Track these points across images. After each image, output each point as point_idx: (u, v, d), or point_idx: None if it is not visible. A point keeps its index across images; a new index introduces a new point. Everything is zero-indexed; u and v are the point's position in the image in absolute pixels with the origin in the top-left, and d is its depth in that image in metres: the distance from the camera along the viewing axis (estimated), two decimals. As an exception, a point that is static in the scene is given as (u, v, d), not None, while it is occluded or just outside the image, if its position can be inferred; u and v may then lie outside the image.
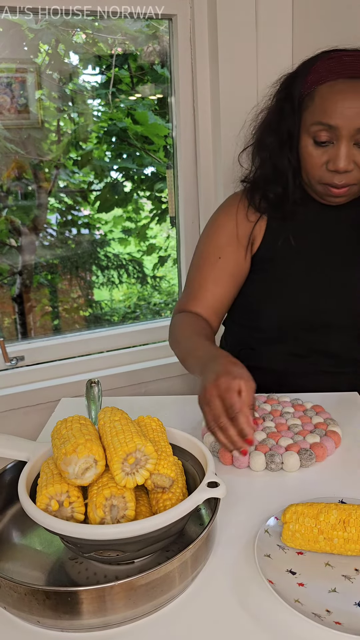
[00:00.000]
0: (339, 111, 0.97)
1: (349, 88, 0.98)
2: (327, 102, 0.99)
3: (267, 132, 1.11)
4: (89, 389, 0.93)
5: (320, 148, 1.02)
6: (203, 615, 0.61)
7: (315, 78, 1.02)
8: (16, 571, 0.67)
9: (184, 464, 0.75)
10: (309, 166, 1.05)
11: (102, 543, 0.60)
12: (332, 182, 1.03)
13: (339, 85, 0.98)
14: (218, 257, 1.15)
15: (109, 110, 2.05)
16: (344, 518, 0.66)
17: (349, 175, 1.02)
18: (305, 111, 1.03)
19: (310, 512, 0.67)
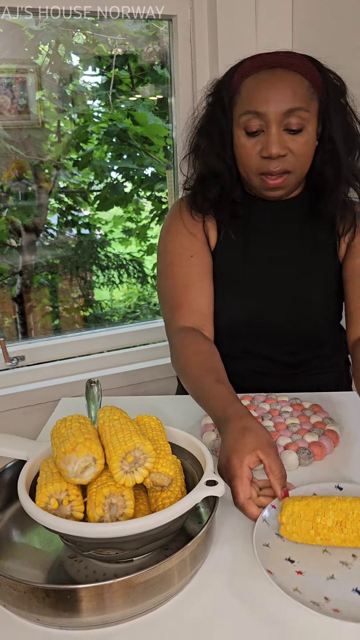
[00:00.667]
0: (263, 97, 1.00)
1: (271, 77, 1.01)
2: (251, 90, 1.02)
3: (201, 136, 1.13)
4: (89, 389, 0.93)
5: (253, 138, 1.03)
6: (202, 613, 0.61)
7: (240, 76, 1.05)
8: (16, 569, 0.67)
9: (183, 462, 0.75)
10: (244, 158, 1.06)
11: (101, 541, 0.60)
12: (268, 170, 1.03)
13: (262, 75, 1.02)
14: (190, 255, 1.12)
15: (109, 111, 2.05)
16: (341, 520, 0.66)
17: (284, 160, 1.03)
18: (234, 107, 1.05)
19: (307, 513, 0.67)
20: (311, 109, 1.02)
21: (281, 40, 1.66)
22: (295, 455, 0.86)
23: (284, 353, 1.15)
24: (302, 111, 1.00)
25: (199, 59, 1.65)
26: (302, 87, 1.01)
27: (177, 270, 1.12)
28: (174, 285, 1.12)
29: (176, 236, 1.15)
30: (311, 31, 1.62)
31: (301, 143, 1.02)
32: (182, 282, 1.11)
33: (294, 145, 1.02)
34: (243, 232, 1.14)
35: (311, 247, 1.14)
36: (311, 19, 1.61)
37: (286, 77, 1.01)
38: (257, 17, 1.62)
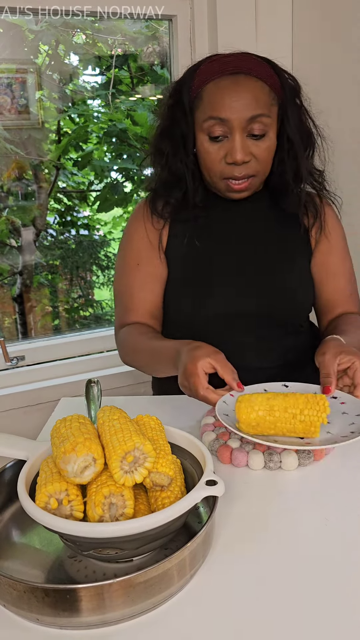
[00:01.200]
0: (227, 104, 1.02)
1: (233, 83, 1.03)
2: (214, 96, 1.04)
3: (162, 139, 1.14)
4: (89, 389, 0.93)
5: (216, 143, 1.05)
6: (201, 612, 0.61)
7: (201, 80, 1.06)
8: (15, 569, 0.67)
9: (183, 462, 0.75)
10: (208, 163, 1.08)
11: (100, 541, 0.60)
12: (233, 175, 1.06)
13: (223, 81, 1.04)
14: (136, 263, 1.19)
15: (108, 111, 2.05)
16: (286, 416, 0.82)
17: (248, 166, 1.06)
18: (197, 111, 1.07)
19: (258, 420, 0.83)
20: (272, 114, 1.06)
21: (281, 40, 1.66)
22: (295, 455, 0.86)
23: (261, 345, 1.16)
24: (264, 117, 1.04)
25: (198, 59, 1.65)
26: (263, 94, 1.04)
27: (125, 276, 1.20)
28: (120, 289, 1.21)
29: (130, 240, 1.21)
30: (311, 31, 1.62)
31: (263, 148, 1.06)
32: (129, 289, 1.19)
33: (257, 151, 1.06)
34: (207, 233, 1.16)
35: (277, 241, 1.18)
36: (311, 19, 1.61)
37: (248, 83, 1.03)
38: (257, 17, 1.62)
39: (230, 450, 0.88)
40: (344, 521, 0.75)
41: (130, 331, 1.16)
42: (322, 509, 0.77)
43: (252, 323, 1.15)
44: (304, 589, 0.64)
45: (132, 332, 1.15)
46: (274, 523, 0.75)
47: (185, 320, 1.16)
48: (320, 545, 0.71)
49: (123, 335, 1.17)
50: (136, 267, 1.19)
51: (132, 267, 1.19)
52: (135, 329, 1.15)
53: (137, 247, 1.19)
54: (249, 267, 1.15)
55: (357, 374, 0.91)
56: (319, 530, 0.73)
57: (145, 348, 1.10)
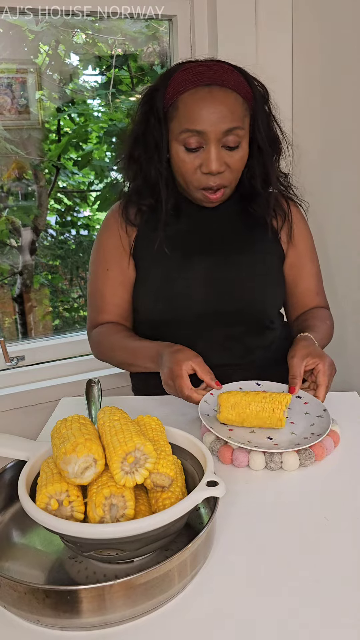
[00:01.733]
0: (204, 117, 1.04)
1: (208, 95, 1.05)
2: (190, 109, 1.05)
3: (135, 145, 1.16)
4: (89, 389, 0.93)
5: (192, 153, 1.08)
6: (202, 613, 0.61)
7: (175, 89, 1.07)
8: (16, 570, 0.67)
9: (184, 463, 0.75)
10: (183, 172, 1.10)
11: (101, 542, 0.60)
12: (207, 185, 1.09)
13: (199, 92, 1.05)
14: (106, 269, 1.23)
15: (109, 111, 2.05)
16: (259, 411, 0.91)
17: (222, 176, 1.09)
18: (172, 121, 1.09)
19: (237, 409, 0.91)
20: (245, 126, 1.09)
21: (281, 41, 1.66)
22: (296, 455, 0.86)
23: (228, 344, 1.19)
24: (239, 129, 1.06)
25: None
26: (237, 106, 1.06)
27: (96, 281, 1.24)
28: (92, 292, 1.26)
29: (100, 245, 1.25)
30: (311, 32, 1.61)
31: (237, 158, 1.09)
32: (100, 293, 1.23)
33: (230, 161, 1.08)
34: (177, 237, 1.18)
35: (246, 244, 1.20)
36: (311, 20, 1.61)
37: (222, 96, 1.05)
38: (257, 17, 1.62)
39: (231, 451, 0.88)
40: (345, 521, 0.75)
41: (104, 331, 1.22)
42: (323, 509, 0.77)
43: (220, 323, 1.17)
44: (304, 589, 0.64)
45: (107, 331, 1.22)
46: (275, 524, 0.75)
47: (155, 320, 1.19)
48: (320, 546, 0.71)
49: (97, 335, 1.24)
50: (106, 273, 1.23)
51: (102, 272, 1.23)
52: (110, 328, 1.22)
53: (107, 253, 1.23)
54: (217, 268, 1.18)
55: (319, 375, 0.99)
56: (320, 531, 0.73)
57: (123, 346, 1.17)
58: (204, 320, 1.17)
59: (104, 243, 1.24)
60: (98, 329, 1.24)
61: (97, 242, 1.26)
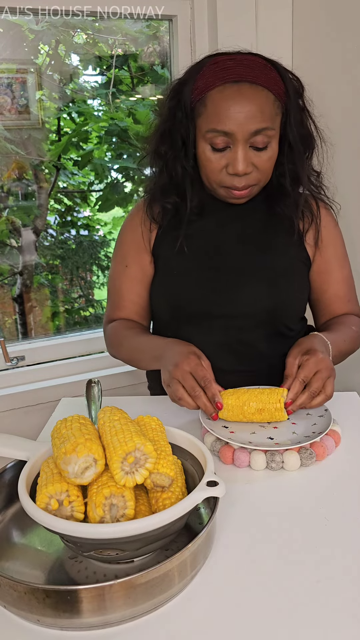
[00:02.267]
0: (231, 117, 1.00)
1: (237, 93, 1.00)
2: (217, 108, 1.01)
3: (161, 141, 1.12)
4: (89, 389, 0.93)
5: (218, 153, 1.04)
6: (202, 614, 0.61)
7: (203, 84, 1.03)
8: (16, 570, 0.67)
9: (184, 463, 0.75)
10: (208, 171, 1.07)
11: (101, 542, 0.60)
12: (233, 185, 1.06)
13: (227, 90, 1.01)
14: (125, 265, 1.21)
15: (109, 111, 2.05)
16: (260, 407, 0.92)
17: (249, 177, 1.05)
18: (199, 118, 1.05)
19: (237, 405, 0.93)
20: (276, 125, 1.05)
21: (281, 40, 1.66)
22: (297, 455, 0.86)
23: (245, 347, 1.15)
24: (268, 130, 1.02)
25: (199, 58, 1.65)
26: (268, 104, 1.02)
27: (116, 276, 1.24)
28: (111, 288, 1.25)
29: (122, 242, 1.24)
30: (311, 32, 1.61)
31: (265, 159, 1.05)
32: (118, 289, 1.23)
33: (258, 161, 1.05)
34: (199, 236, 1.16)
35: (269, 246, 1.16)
36: (311, 19, 1.61)
37: (253, 94, 1.01)
38: (257, 17, 1.62)
39: (232, 451, 0.88)
40: (345, 521, 0.75)
41: (117, 326, 1.21)
42: (324, 509, 0.77)
43: (234, 326, 1.14)
44: (304, 589, 0.64)
45: (119, 326, 1.21)
46: (275, 524, 0.75)
47: (170, 320, 1.18)
48: (321, 546, 0.70)
49: (110, 330, 1.23)
50: (124, 269, 1.21)
51: (121, 268, 1.22)
52: (122, 324, 1.21)
53: (127, 249, 1.22)
54: (238, 270, 1.14)
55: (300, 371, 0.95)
56: (320, 531, 0.73)
57: (131, 342, 1.16)
58: (218, 323, 1.14)
59: (125, 239, 1.23)
60: (111, 325, 1.23)
61: (119, 238, 1.25)
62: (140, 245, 1.20)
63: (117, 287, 1.23)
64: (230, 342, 1.15)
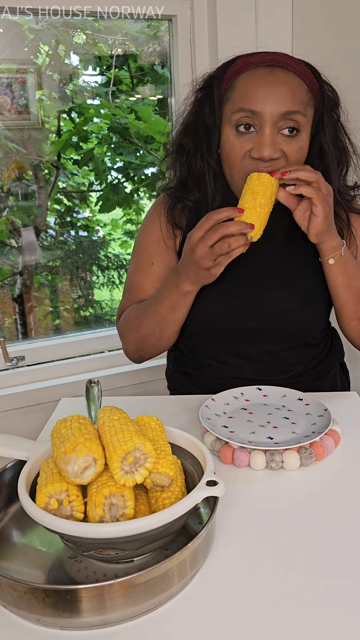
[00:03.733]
0: (260, 96, 0.95)
1: (269, 75, 0.96)
2: (247, 87, 0.96)
3: (185, 135, 1.08)
4: (89, 389, 0.93)
5: (243, 136, 0.98)
6: (202, 613, 0.61)
7: (234, 71, 1.00)
8: (16, 570, 0.67)
9: (183, 463, 0.75)
10: (231, 157, 1.00)
11: (101, 541, 0.60)
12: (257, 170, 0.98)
13: (259, 72, 0.97)
14: (151, 263, 1.16)
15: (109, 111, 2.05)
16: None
17: (275, 164, 0.98)
18: (227, 103, 1.00)
19: None
20: (308, 115, 0.99)
21: (281, 41, 1.66)
22: (296, 455, 0.86)
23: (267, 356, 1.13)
24: (299, 115, 0.96)
25: (199, 59, 1.65)
26: (301, 90, 0.97)
27: (139, 273, 1.18)
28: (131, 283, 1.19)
29: (146, 238, 1.18)
30: (311, 31, 1.62)
31: (295, 148, 0.98)
32: (141, 286, 1.17)
33: (287, 149, 0.98)
34: None
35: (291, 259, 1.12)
36: (311, 19, 1.61)
37: (285, 77, 0.96)
38: (257, 18, 1.62)
39: (232, 451, 0.88)
40: (345, 521, 0.75)
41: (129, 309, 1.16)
42: (323, 509, 0.77)
43: (257, 339, 1.11)
44: (304, 589, 0.64)
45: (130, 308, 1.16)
46: (275, 523, 0.75)
47: (192, 332, 1.13)
48: (321, 546, 0.70)
49: (123, 317, 1.17)
50: (150, 267, 1.17)
51: (147, 265, 1.17)
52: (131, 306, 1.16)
53: (153, 247, 1.17)
54: (258, 280, 1.11)
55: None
56: (320, 530, 0.73)
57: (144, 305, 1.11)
58: (242, 336, 1.10)
59: (148, 236, 1.17)
60: (125, 311, 1.18)
61: (142, 234, 1.19)
62: (166, 244, 1.16)
63: (138, 283, 1.17)
64: (256, 354, 1.12)
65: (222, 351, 1.13)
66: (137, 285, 1.18)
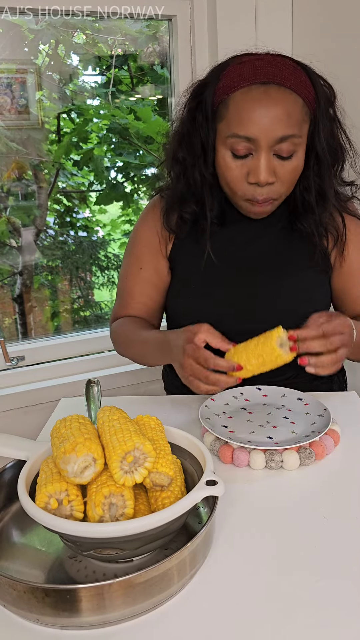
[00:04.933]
0: (255, 121, 0.93)
1: (263, 95, 0.93)
2: (242, 111, 0.94)
3: (180, 145, 1.06)
4: (89, 389, 0.93)
5: (239, 160, 0.97)
6: (201, 613, 0.61)
7: (228, 84, 0.96)
8: (16, 569, 0.67)
9: (183, 462, 0.75)
10: (229, 180, 1.01)
11: (101, 541, 0.60)
12: (254, 197, 0.99)
13: (253, 92, 0.94)
14: (139, 267, 1.17)
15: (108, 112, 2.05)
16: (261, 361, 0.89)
17: (271, 188, 0.99)
18: (221, 122, 0.98)
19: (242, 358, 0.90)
20: (303, 133, 0.98)
21: (281, 41, 1.66)
22: (296, 454, 0.86)
23: None
24: (295, 137, 0.96)
25: (198, 59, 1.65)
26: (296, 109, 0.95)
27: (128, 277, 1.19)
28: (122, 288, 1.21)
29: (137, 242, 1.19)
30: (311, 31, 1.62)
31: (290, 169, 0.99)
32: (130, 290, 1.18)
33: (282, 171, 0.98)
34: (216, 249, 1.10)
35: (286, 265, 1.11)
36: (311, 19, 1.61)
37: (280, 97, 0.94)
38: (257, 18, 1.62)
39: (231, 450, 0.88)
40: (344, 521, 0.75)
41: (123, 322, 1.17)
42: (323, 508, 0.77)
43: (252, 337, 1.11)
44: (304, 588, 0.64)
45: (124, 322, 1.16)
46: (274, 523, 0.75)
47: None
48: (320, 545, 0.71)
49: (115, 326, 1.19)
50: (139, 271, 1.17)
51: (135, 270, 1.18)
52: (127, 320, 1.16)
53: (143, 251, 1.17)
54: (254, 281, 1.10)
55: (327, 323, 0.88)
56: (319, 530, 0.73)
57: (135, 337, 1.11)
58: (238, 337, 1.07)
59: (139, 240, 1.18)
60: (118, 321, 1.18)
61: (133, 237, 1.20)
62: (156, 248, 1.16)
63: (129, 288, 1.19)
64: None
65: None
66: (128, 290, 1.19)
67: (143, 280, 1.17)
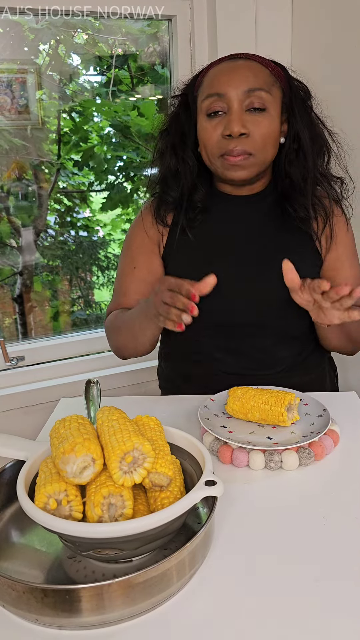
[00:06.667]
0: (224, 80, 1.03)
1: (232, 65, 1.06)
2: (213, 76, 1.06)
3: (164, 137, 1.15)
4: (88, 389, 0.93)
5: (214, 119, 1.05)
6: (201, 613, 0.61)
7: (203, 73, 1.10)
8: (15, 570, 0.67)
9: (182, 462, 0.75)
10: (205, 140, 1.07)
11: (100, 541, 0.60)
12: (228, 149, 1.04)
13: (223, 64, 1.07)
14: (133, 267, 1.21)
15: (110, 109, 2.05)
16: (263, 417, 0.93)
17: (244, 141, 1.04)
18: (198, 99, 1.08)
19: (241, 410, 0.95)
20: (273, 93, 1.05)
21: (281, 40, 1.66)
22: (295, 455, 0.86)
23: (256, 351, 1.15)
24: (262, 92, 1.03)
25: (198, 59, 1.65)
26: (263, 73, 1.05)
27: (123, 277, 1.23)
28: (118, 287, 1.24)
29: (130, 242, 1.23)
30: (311, 31, 1.62)
31: (263, 124, 1.04)
32: (125, 290, 1.22)
33: (254, 126, 1.04)
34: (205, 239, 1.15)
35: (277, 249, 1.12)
36: (311, 19, 1.61)
37: (247, 63, 1.05)
38: (257, 18, 1.62)
39: (231, 451, 0.88)
40: (343, 521, 0.75)
41: (111, 315, 1.22)
42: (322, 508, 0.77)
43: (244, 333, 1.13)
44: (303, 588, 0.64)
45: (112, 315, 1.21)
46: (273, 523, 0.75)
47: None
48: (319, 545, 0.71)
49: (106, 322, 1.23)
50: (133, 271, 1.21)
51: (130, 270, 1.21)
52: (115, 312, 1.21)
53: (136, 251, 1.21)
54: (246, 276, 1.12)
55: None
56: (319, 530, 0.73)
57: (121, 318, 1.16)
58: (230, 331, 1.13)
59: (134, 240, 1.22)
60: (108, 317, 1.23)
61: (128, 237, 1.24)
62: (149, 248, 1.19)
63: (124, 287, 1.22)
64: (245, 348, 1.14)
65: (211, 347, 1.15)
66: (123, 289, 1.22)
67: (138, 279, 1.20)
